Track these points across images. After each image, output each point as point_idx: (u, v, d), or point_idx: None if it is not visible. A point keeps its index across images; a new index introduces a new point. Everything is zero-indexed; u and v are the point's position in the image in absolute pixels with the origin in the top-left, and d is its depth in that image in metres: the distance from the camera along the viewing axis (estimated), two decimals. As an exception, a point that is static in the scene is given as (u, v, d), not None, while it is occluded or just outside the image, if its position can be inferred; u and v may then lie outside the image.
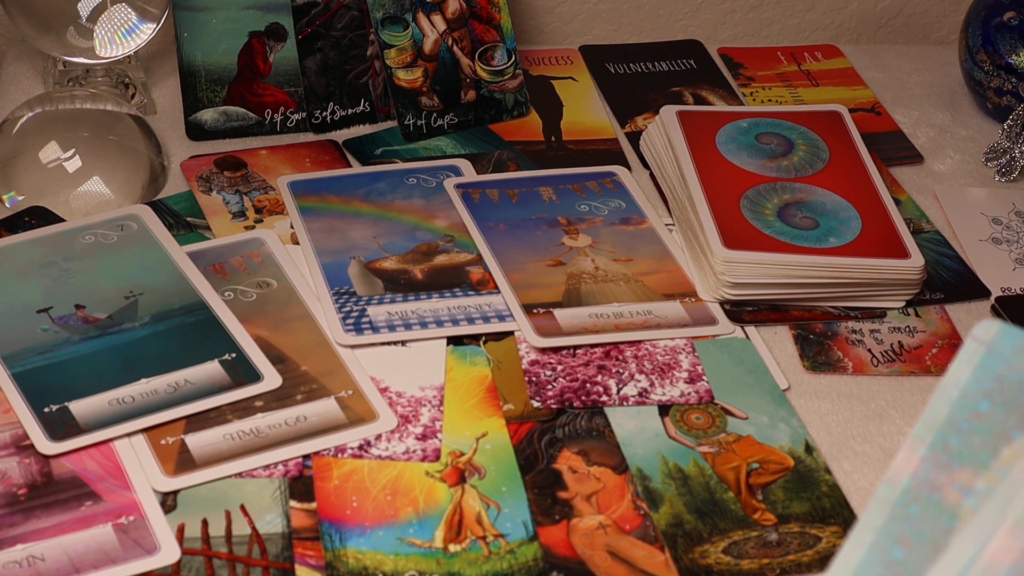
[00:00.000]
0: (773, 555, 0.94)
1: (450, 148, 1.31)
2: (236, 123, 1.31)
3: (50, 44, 1.28)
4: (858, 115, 1.37)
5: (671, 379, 1.07)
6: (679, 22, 1.55)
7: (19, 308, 1.08)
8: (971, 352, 0.73)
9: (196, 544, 0.93)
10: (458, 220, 1.20)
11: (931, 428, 0.70)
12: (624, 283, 1.15)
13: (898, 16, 1.59)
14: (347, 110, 1.33)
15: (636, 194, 1.25)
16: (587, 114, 1.38)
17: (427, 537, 0.94)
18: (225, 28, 1.30)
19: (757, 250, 1.13)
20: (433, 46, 1.31)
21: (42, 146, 1.20)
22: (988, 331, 0.73)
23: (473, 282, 1.14)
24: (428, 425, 1.02)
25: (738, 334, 1.12)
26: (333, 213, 1.20)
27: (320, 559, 0.92)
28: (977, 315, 1.16)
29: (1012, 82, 1.36)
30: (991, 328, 0.73)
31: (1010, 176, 1.33)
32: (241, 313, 1.09)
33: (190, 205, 1.22)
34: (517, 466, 1.00)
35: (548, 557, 0.93)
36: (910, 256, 1.14)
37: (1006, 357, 0.73)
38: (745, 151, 1.23)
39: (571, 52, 1.47)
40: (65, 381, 1.02)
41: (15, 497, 0.95)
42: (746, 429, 1.03)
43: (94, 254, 1.13)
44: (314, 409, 1.02)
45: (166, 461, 0.98)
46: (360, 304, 1.11)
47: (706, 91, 1.42)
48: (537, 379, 1.06)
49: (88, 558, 0.91)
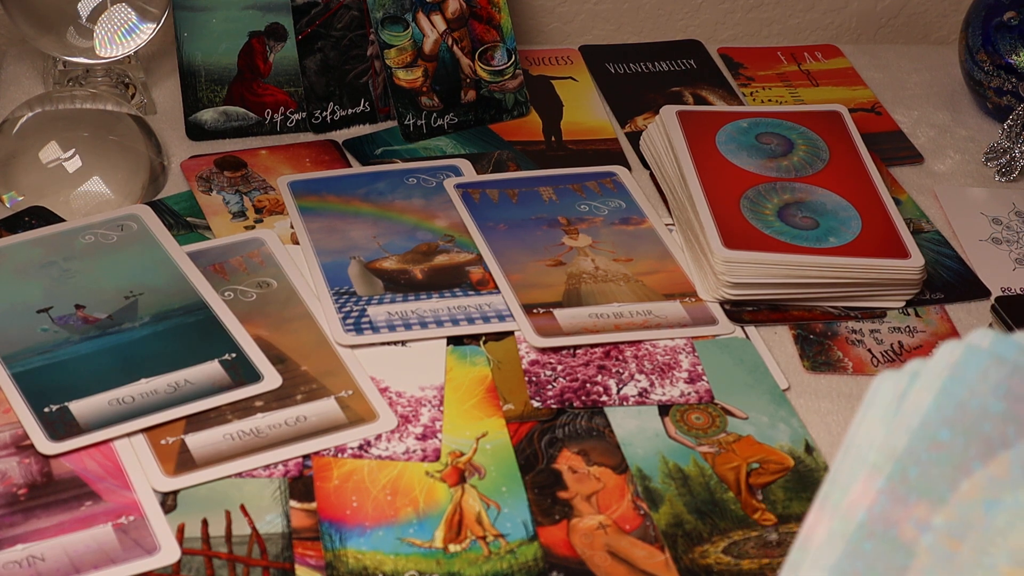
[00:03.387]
0: (773, 555, 0.94)
1: (450, 148, 1.31)
2: (236, 123, 1.31)
3: (50, 44, 1.28)
4: (858, 115, 1.37)
5: (671, 379, 1.07)
6: (679, 22, 1.55)
7: (19, 308, 1.08)
8: (933, 371, 0.70)
9: (196, 544, 0.93)
10: (458, 220, 1.20)
11: (889, 458, 0.67)
12: (624, 283, 1.15)
13: (898, 16, 1.59)
14: (347, 110, 1.33)
15: (636, 194, 1.25)
16: (587, 114, 1.38)
17: (427, 537, 0.94)
18: (225, 28, 1.30)
19: (757, 250, 1.13)
20: (433, 46, 1.31)
21: (42, 146, 1.20)
22: (952, 353, 0.70)
23: (473, 282, 1.14)
24: (428, 425, 1.02)
25: (738, 334, 1.12)
26: (333, 213, 1.20)
27: (320, 559, 0.92)
28: (977, 315, 1.16)
29: (1012, 82, 1.36)
30: (955, 350, 0.70)
31: (1010, 176, 1.33)
32: (241, 313, 1.09)
33: (190, 205, 1.22)
34: (517, 466, 1.00)
35: (548, 557, 0.93)
36: (910, 256, 1.14)
37: (969, 382, 0.69)
38: (745, 151, 1.23)
39: (571, 52, 1.47)
40: (65, 381, 1.02)
41: (15, 497, 0.95)
42: (746, 429, 1.03)
43: (94, 254, 1.13)
44: (314, 409, 1.02)
45: (166, 461, 0.98)
46: (360, 304, 1.11)
47: (706, 91, 1.42)
48: (537, 379, 1.06)
49: (88, 558, 0.91)
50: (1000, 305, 1.15)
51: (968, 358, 0.70)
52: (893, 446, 0.67)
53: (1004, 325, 1.11)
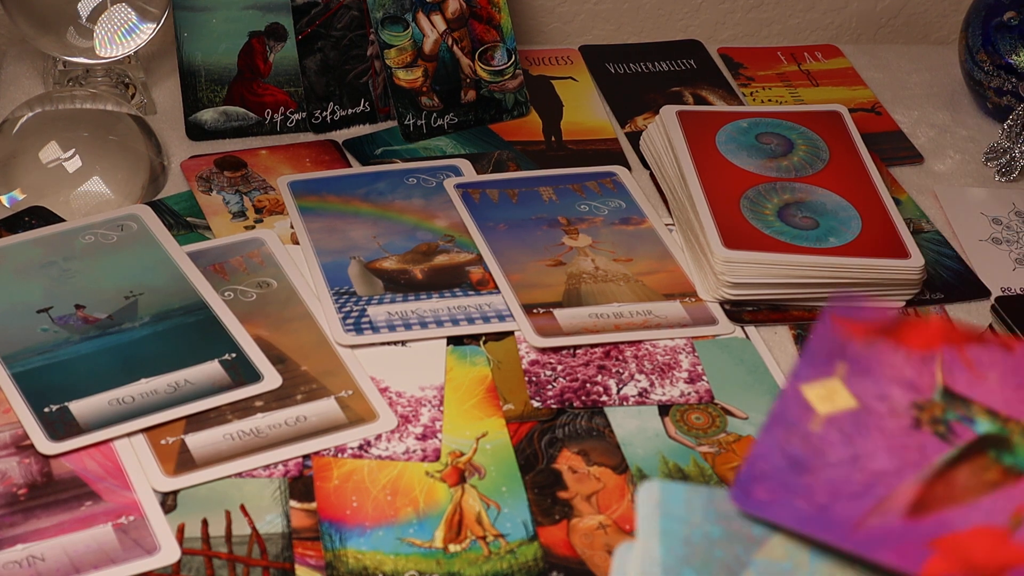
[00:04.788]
0: (773, 555, 0.94)
1: (450, 148, 1.31)
2: (236, 123, 1.31)
3: (50, 44, 1.28)
4: (858, 115, 1.37)
5: (671, 379, 1.07)
6: (679, 22, 1.55)
7: (19, 308, 1.08)
8: (647, 519, 0.73)
9: (196, 544, 0.93)
10: (458, 220, 1.20)
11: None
12: (624, 283, 1.15)
13: (898, 16, 1.59)
14: (347, 110, 1.33)
15: (636, 194, 1.25)
16: (587, 114, 1.38)
17: (427, 537, 0.94)
18: (225, 28, 1.30)
19: (757, 250, 1.13)
20: (433, 46, 1.31)
21: (42, 146, 1.20)
22: (652, 494, 0.74)
23: (473, 282, 1.14)
24: (428, 425, 1.02)
25: (738, 334, 1.12)
26: (333, 213, 1.20)
27: (320, 559, 0.92)
28: (977, 315, 1.16)
29: (1012, 82, 1.36)
30: (653, 490, 0.74)
31: (1010, 176, 1.33)
32: (241, 313, 1.09)
33: (190, 205, 1.22)
34: (517, 466, 1.00)
35: (548, 557, 0.93)
36: (910, 256, 1.14)
37: (681, 516, 0.73)
38: (745, 151, 1.23)
39: (571, 52, 1.47)
40: (65, 381, 1.02)
41: (15, 497, 0.95)
42: (746, 429, 1.03)
43: (94, 254, 1.13)
44: (314, 409, 1.02)
45: (166, 461, 0.98)
46: (360, 304, 1.11)
47: (706, 91, 1.42)
48: (537, 379, 1.06)
49: (88, 558, 0.91)
50: (1000, 305, 1.15)
51: (669, 495, 0.75)
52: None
53: (1004, 325, 1.11)
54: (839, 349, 0.81)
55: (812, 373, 0.81)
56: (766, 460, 0.77)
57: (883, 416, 0.79)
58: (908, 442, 0.78)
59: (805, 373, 0.81)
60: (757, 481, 0.77)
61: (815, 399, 0.80)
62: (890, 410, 0.79)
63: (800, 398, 0.80)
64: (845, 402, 0.80)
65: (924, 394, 0.80)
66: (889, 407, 0.80)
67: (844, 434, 0.78)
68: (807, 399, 0.80)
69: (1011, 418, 0.79)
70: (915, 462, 0.77)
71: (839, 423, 0.79)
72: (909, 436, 0.78)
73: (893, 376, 0.80)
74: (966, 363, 0.81)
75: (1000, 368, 0.81)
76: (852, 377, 0.81)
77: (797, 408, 0.80)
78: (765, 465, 0.77)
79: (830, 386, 0.80)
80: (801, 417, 0.79)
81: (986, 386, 0.80)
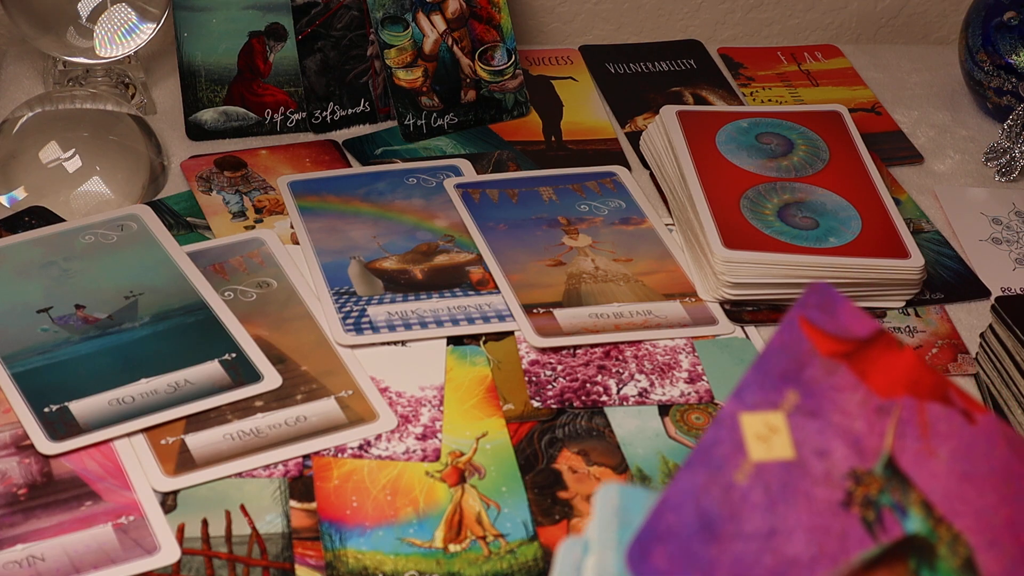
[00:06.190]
0: (773, 555, 0.94)
1: (450, 148, 1.31)
2: (236, 123, 1.31)
3: (50, 44, 1.28)
4: (858, 115, 1.37)
5: (671, 379, 1.07)
6: (679, 22, 1.55)
7: (19, 308, 1.08)
8: (605, 527, 0.69)
9: (196, 544, 0.93)
10: (458, 220, 1.20)
11: None
12: (624, 283, 1.15)
13: (898, 16, 1.59)
14: (347, 110, 1.33)
15: (636, 194, 1.25)
16: (587, 114, 1.38)
17: (427, 537, 0.94)
18: (225, 28, 1.30)
19: (757, 250, 1.13)
20: (433, 46, 1.31)
21: (42, 146, 1.20)
22: (610, 499, 0.70)
23: (473, 282, 1.14)
24: (428, 425, 1.02)
25: (738, 334, 1.12)
26: (333, 213, 1.20)
27: (320, 559, 0.92)
28: (977, 315, 1.16)
29: (1012, 82, 1.36)
30: (611, 495, 0.70)
31: (1010, 176, 1.33)
32: (241, 313, 1.09)
33: (190, 205, 1.22)
34: (517, 466, 1.00)
35: (548, 557, 0.93)
36: (910, 256, 1.14)
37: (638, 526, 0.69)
38: (745, 151, 1.23)
39: (571, 52, 1.47)
40: (65, 381, 1.02)
41: (15, 497, 0.95)
42: (746, 429, 1.03)
43: (94, 254, 1.13)
44: (314, 409, 1.02)
45: (166, 461, 0.98)
46: (360, 304, 1.11)
47: (706, 91, 1.42)
48: (537, 379, 1.06)
49: (88, 558, 0.91)
50: (1000, 305, 1.15)
51: (628, 501, 0.70)
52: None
53: (1004, 325, 1.11)
54: (796, 368, 0.74)
55: (758, 396, 0.73)
56: (676, 513, 0.70)
57: (816, 481, 0.72)
58: (832, 525, 0.71)
59: (751, 393, 0.73)
60: (660, 542, 0.69)
61: (751, 436, 0.72)
62: (825, 474, 0.72)
63: (735, 430, 0.72)
64: (782, 450, 0.72)
65: (866, 462, 0.73)
66: (825, 470, 0.72)
67: (768, 496, 0.71)
68: (743, 434, 0.72)
69: (944, 519, 0.73)
70: (832, 554, 0.70)
71: (767, 478, 0.71)
72: (835, 517, 0.71)
73: (841, 426, 0.73)
74: (921, 428, 0.74)
75: (955, 444, 0.74)
76: (798, 416, 0.73)
77: (729, 444, 0.72)
78: (673, 519, 0.70)
79: (771, 422, 0.73)
80: (729, 459, 0.72)
81: (933, 466, 0.74)
